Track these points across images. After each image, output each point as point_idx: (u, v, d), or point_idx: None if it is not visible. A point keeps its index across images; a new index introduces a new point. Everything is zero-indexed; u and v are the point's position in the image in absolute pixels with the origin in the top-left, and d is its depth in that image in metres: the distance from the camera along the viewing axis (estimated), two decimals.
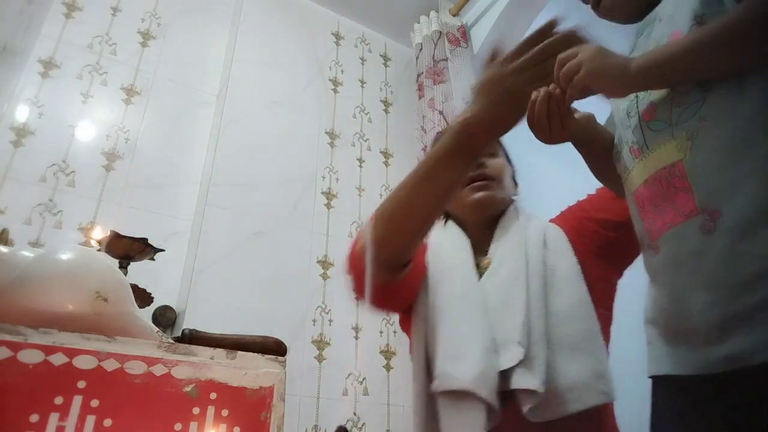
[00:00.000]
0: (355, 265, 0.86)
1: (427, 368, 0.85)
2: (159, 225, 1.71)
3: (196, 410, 0.59)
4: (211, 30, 2.15)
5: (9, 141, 1.58)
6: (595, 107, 0.77)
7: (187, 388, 0.59)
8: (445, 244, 0.97)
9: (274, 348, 0.79)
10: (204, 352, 0.63)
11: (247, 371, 0.64)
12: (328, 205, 2.02)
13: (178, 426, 0.57)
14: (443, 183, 0.79)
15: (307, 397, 1.67)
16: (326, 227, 1.98)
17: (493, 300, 0.85)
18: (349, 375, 1.79)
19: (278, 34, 2.21)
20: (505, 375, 0.77)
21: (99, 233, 1.31)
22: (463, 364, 0.79)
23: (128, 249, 1.30)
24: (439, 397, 0.80)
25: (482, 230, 0.96)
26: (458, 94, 2.12)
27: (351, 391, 1.77)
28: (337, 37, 2.43)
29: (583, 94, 0.64)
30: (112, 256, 1.28)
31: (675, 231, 0.58)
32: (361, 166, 2.19)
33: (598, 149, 0.77)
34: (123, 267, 1.31)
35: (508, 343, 0.79)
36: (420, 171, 0.81)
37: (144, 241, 1.32)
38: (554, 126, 0.70)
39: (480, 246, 0.94)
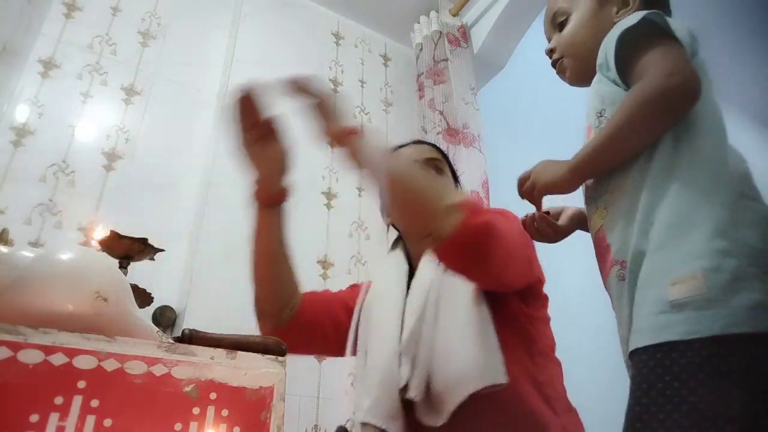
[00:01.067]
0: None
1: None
2: (159, 225, 1.71)
3: (196, 410, 0.59)
4: (211, 30, 2.15)
5: (9, 141, 1.58)
6: None
7: (187, 388, 0.59)
8: (381, 274, 1.03)
9: (274, 348, 0.79)
10: (204, 352, 0.63)
11: (247, 371, 0.64)
12: (328, 205, 2.02)
13: (178, 426, 0.57)
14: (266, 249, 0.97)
15: (307, 397, 1.67)
16: (326, 227, 1.98)
17: (408, 313, 0.90)
18: (349, 375, 1.79)
19: (278, 34, 2.21)
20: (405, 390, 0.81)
21: (99, 233, 1.30)
22: (365, 395, 0.84)
23: (128, 249, 1.30)
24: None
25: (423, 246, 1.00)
26: (458, 95, 2.12)
27: (351, 391, 1.77)
28: (337, 37, 2.43)
29: (541, 200, 0.82)
30: (112, 256, 1.28)
31: (609, 278, 0.74)
32: None
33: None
34: (123, 267, 1.31)
35: (404, 357, 0.83)
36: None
37: (144, 241, 1.32)
38: (547, 234, 0.89)
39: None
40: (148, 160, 1.79)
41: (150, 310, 1.51)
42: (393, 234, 1.16)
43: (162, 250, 1.40)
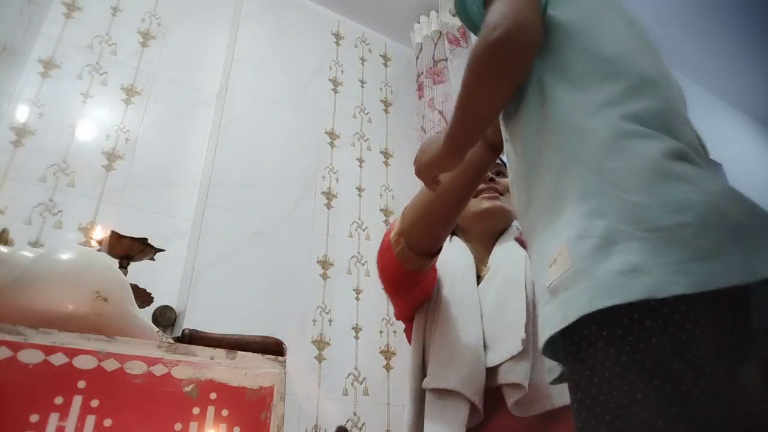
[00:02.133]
0: (385, 256, 0.93)
1: (423, 368, 0.90)
2: (159, 225, 1.71)
3: (196, 410, 0.59)
4: (211, 30, 2.15)
5: (9, 141, 1.58)
6: None
7: (187, 388, 0.59)
8: (450, 257, 1.01)
9: (274, 348, 0.79)
10: (204, 352, 0.63)
11: (247, 371, 0.64)
12: (328, 205, 2.02)
13: (178, 426, 0.57)
14: (469, 188, 0.88)
15: (307, 397, 1.67)
16: (326, 227, 1.98)
17: (488, 303, 0.91)
18: (349, 375, 1.79)
19: (278, 34, 2.21)
20: (492, 373, 0.82)
21: (99, 233, 1.31)
22: (453, 365, 0.84)
23: (128, 249, 1.30)
24: (427, 394, 0.85)
25: (485, 242, 1.02)
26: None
27: (351, 391, 1.77)
28: (337, 37, 2.43)
29: (432, 181, 0.78)
30: (112, 256, 1.28)
31: None
32: (361, 166, 2.19)
33: None
34: (123, 267, 1.31)
35: (502, 340, 0.84)
36: None
37: (144, 241, 1.32)
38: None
39: (482, 257, 1.01)
40: (148, 160, 1.79)
41: (150, 310, 1.51)
42: None
43: (162, 250, 1.40)
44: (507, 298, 0.88)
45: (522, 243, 0.99)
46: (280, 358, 0.68)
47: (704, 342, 0.46)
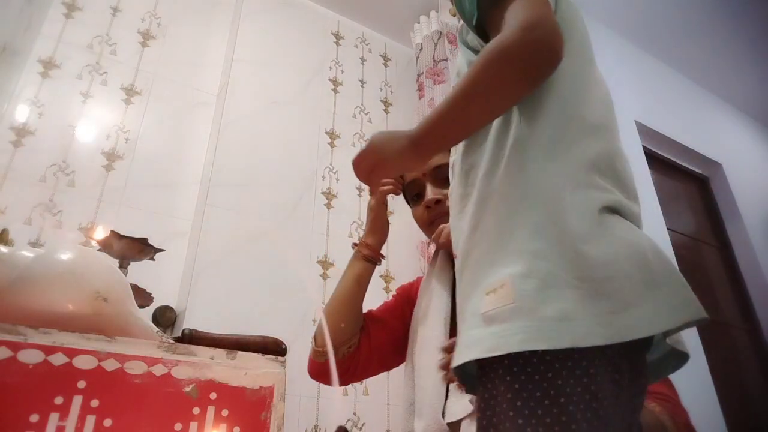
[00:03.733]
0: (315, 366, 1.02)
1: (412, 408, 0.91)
2: (159, 225, 1.71)
3: (196, 410, 0.59)
4: (211, 30, 2.15)
5: (9, 141, 1.58)
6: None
7: (187, 388, 0.59)
8: (423, 291, 1.00)
9: (274, 348, 0.79)
10: (204, 352, 0.63)
11: (247, 371, 0.64)
12: (328, 205, 2.02)
13: (178, 426, 0.57)
14: (355, 295, 1.00)
15: (307, 397, 1.67)
16: (326, 227, 1.98)
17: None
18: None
19: (278, 34, 2.21)
20: (454, 427, 0.79)
21: (99, 233, 1.30)
22: (417, 417, 0.85)
23: (128, 249, 1.30)
24: None
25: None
26: None
27: (351, 391, 1.77)
28: (337, 37, 2.43)
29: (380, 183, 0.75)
30: (112, 256, 1.28)
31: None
32: None
33: None
34: (123, 267, 1.31)
35: (459, 395, 0.80)
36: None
37: (144, 241, 1.32)
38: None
39: None
40: (148, 160, 1.79)
41: (150, 310, 1.51)
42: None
43: (162, 250, 1.40)
44: None
45: None
46: (280, 358, 0.67)
47: (605, 388, 0.50)
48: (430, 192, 0.97)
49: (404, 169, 0.72)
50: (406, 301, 1.07)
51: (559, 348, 0.48)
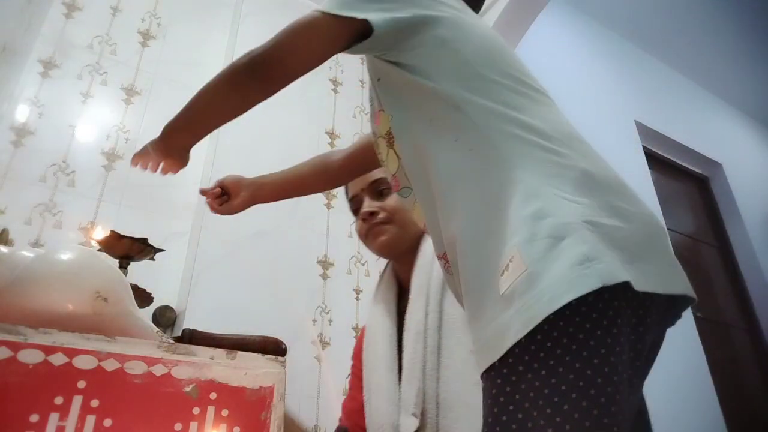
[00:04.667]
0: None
1: None
2: (159, 225, 1.71)
3: (196, 410, 0.59)
4: (211, 30, 2.15)
5: (9, 141, 1.58)
6: None
7: (187, 388, 0.59)
8: (370, 316, 0.99)
9: (274, 348, 0.79)
10: (204, 352, 0.63)
11: (247, 371, 0.64)
12: (328, 205, 2.02)
13: (178, 426, 0.57)
14: None
15: (307, 397, 1.67)
16: (326, 227, 1.98)
17: (405, 360, 0.84)
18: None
19: None
20: None
21: (99, 233, 1.31)
22: None
23: (128, 249, 1.30)
24: None
25: (406, 265, 0.95)
26: None
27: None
28: None
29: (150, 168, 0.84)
30: (112, 256, 1.28)
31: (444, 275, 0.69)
32: None
33: None
34: (123, 267, 1.31)
35: (407, 411, 0.79)
36: None
37: (144, 241, 1.32)
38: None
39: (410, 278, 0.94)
40: None
41: (150, 310, 1.51)
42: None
43: (162, 250, 1.40)
44: (414, 356, 0.82)
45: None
46: (280, 358, 0.67)
47: (623, 349, 0.48)
48: (366, 205, 0.98)
49: (159, 156, 0.81)
50: (359, 354, 1.04)
51: (590, 290, 0.45)
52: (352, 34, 0.68)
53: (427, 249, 0.93)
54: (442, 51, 0.64)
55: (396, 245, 0.95)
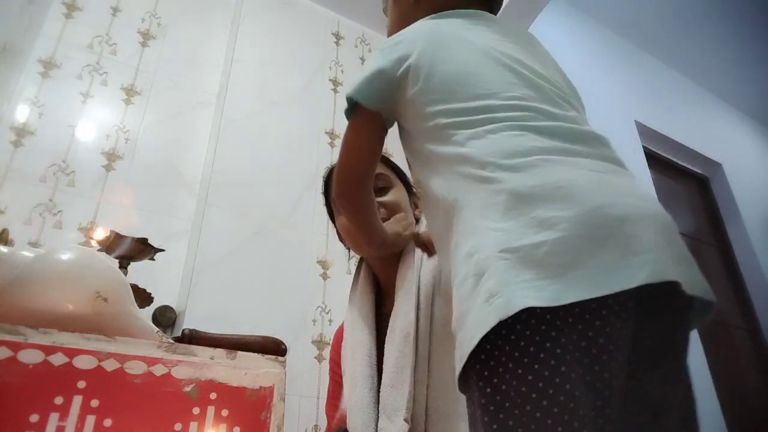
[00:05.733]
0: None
1: None
2: (159, 225, 1.71)
3: (196, 410, 0.59)
4: (211, 30, 2.15)
5: (9, 141, 1.58)
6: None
7: (187, 388, 0.59)
8: (348, 326, 0.96)
9: (274, 348, 0.79)
10: (204, 352, 0.63)
11: (247, 371, 0.64)
12: None
13: (178, 426, 0.57)
14: None
15: (307, 397, 1.67)
16: (326, 227, 1.98)
17: (389, 364, 0.81)
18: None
19: (278, 34, 2.21)
20: None
21: (99, 233, 1.31)
22: None
23: (128, 249, 1.30)
24: None
25: (389, 268, 0.92)
26: None
27: None
28: (337, 37, 2.43)
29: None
30: (112, 256, 1.28)
31: None
32: None
33: None
34: (123, 267, 1.31)
35: (395, 416, 0.76)
36: None
37: (144, 241, 1.32)
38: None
39: (392, 288, 0.91)
40: (148, 160, 1.79)
41: (150, 310, 1.51)
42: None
43: (162, 250, 1.40)
44: (402, 360, 0.79)
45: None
46: (280, 358, 0.67)
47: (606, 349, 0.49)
48: None
49: (386, 252, 0.90)
50: (336, 359, 1.02)
51: (489, 328, 0.48)
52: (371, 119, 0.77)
53: (416, 248, 0.91)
54: (411, 109, 0.69)
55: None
